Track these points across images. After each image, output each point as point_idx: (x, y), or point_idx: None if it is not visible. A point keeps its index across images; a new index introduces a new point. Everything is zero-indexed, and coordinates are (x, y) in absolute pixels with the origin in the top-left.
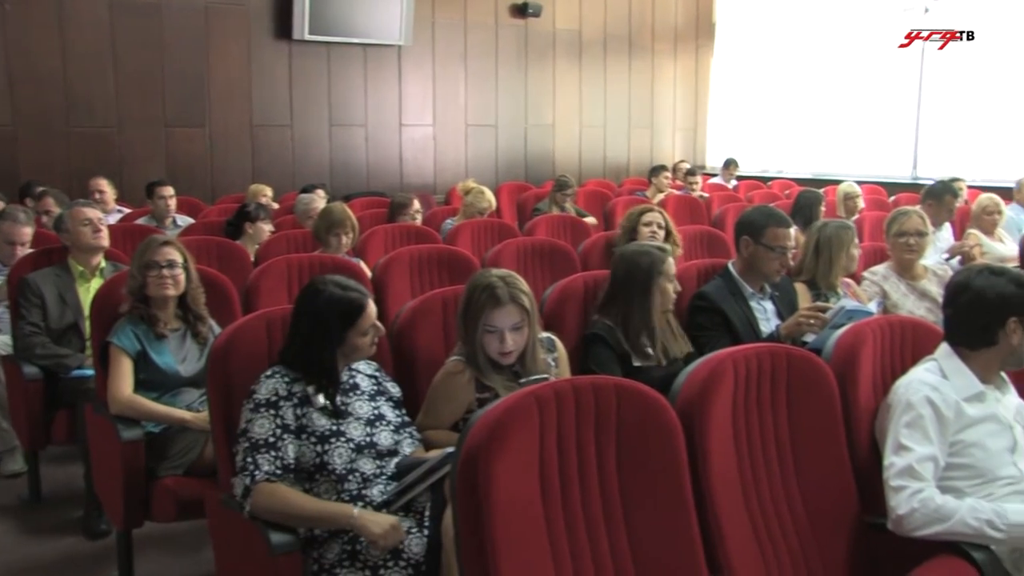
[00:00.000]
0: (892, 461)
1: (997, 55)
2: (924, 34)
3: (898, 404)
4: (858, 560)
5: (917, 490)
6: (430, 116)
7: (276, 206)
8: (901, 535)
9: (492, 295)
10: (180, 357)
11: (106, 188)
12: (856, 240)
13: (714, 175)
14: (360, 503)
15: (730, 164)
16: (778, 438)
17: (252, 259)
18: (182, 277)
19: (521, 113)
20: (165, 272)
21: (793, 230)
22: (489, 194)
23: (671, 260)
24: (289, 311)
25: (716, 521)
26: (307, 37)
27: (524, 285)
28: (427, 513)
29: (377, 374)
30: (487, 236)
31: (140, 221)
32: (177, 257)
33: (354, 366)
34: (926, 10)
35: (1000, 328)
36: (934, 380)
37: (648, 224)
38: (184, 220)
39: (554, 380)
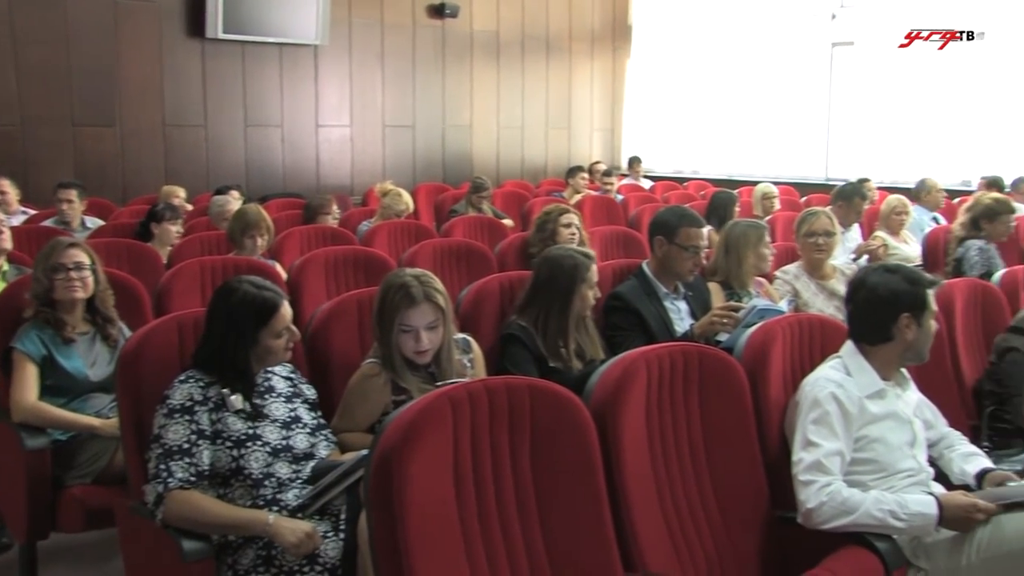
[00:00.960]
0: (801, 457)
1: (902, 60)
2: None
3: (805, 401)
4: (769, 553)
5: (825, 484)
6: (347, 117)
7: (190, 207)
8: (810, 528)
9: (407, 294)
10: (89, 361)
11: (8, 188)
12: (767, 239)
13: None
14: (275, 508)
15: (634, 162)
16: (691, 435)
17: (164, 262)
18: (90, 280)
19: (439, 114)
20: (73, 275)
21: (706, 230)
22: (407, 196)
23: (595, 267)
24: (202, 314)
25: (630, 518)
26: (221, 36)
27: (438, 284)
28: (343, 516)
29: (293, 376)
30: (404, 237)
31: (48, 223)
32: (84, 259)
33: (269, 368)
34: (833, 16)
35: (894, 324)
36: (839, 377)
37: (568, 225)
38: (93, 222)
39: (468, 380)
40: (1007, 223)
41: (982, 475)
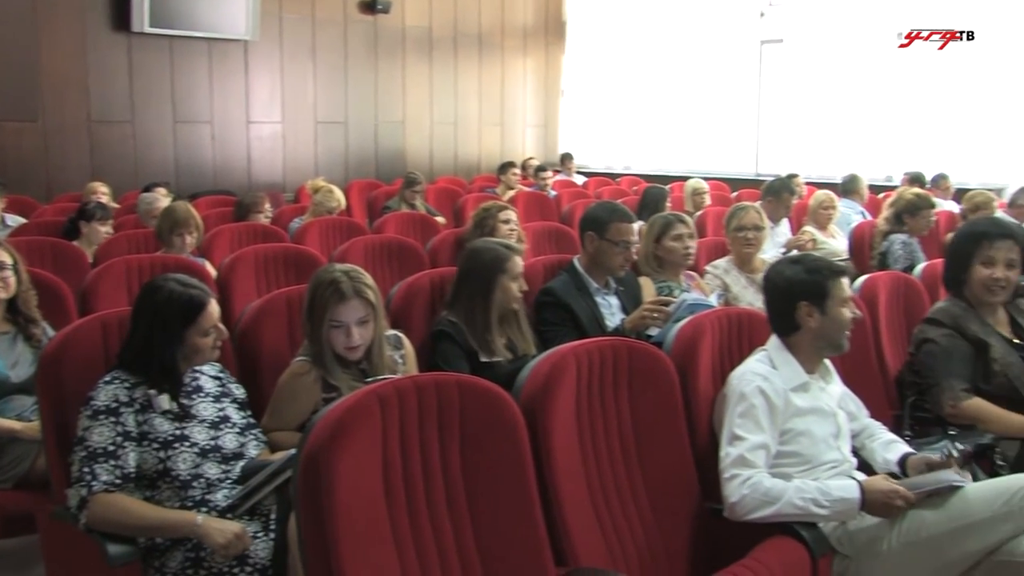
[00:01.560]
0: (727, 451)
1: (829, 57)
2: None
3: (732, 394)
4: (700, 545)
5: (747, 477)
6: (279, 113)
7: (116, 205)
8: (735, 521)
9: (336, 290)
10: (10, 362)
11: None
12: (682, 231)
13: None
14: (204, 509)
15: (566, 158)
16: (621, 429)
17: (90, 260)
18: (12, 279)
19: (371, 110)
20: None
21: (637, 225)
22: (338, 193)
23: (517, 259)
24: (127, 313)
25: (561, 513)
26: (147, 30)
27: (369, 279)
28: (273, 516)
29: (221, 375)
30: (335, 234)
31: None
32: (6, 259)
33: (197, 367)
34: (762, 14)
35: (795, 313)
36: (765, 371)
37: (507, 222)
38: (15, 220)
39: (398, 377)
40: (928, 218)
41: (903, 460)
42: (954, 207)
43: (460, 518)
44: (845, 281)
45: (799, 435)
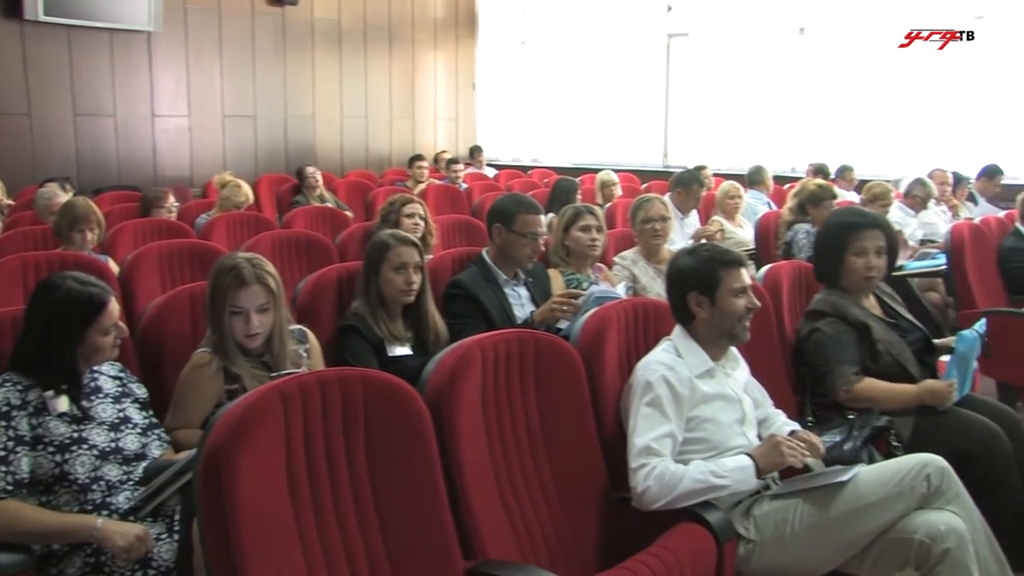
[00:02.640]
0: (634, 441)
1: (734, 51)
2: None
3: (638, 385)
4: (608, 534)
5: (652, 466)
6: (184, 106)
7: (11, 202)
8: (643, 510)
9: (237, 275)
10: None
11: None
12: (590, 223)
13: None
14: (105, 512)
15: (475, 151)
16: (528, 421)
17: None
18: None
19: (280, 104)
20: None
21: (548, 217)
22: (246, 187)
23: (402, 249)
24: (19, 312)
25: (468, 507)
26: (42, 18)
27: (270, 267)
28: (177, 517)
29: (122, 375)
30: (243, 230)
31: None
32: None
33: (96, 367)
34: (669, 8)
35: (685, 302)
36: (670, 360)
37: (411, 216)
38: None
39: (301, 372)
40: (830, 208)
41: (791, 434)
42: (856, 198)
43: (366, 514)
44: (739, 271)
45: (705, 422)
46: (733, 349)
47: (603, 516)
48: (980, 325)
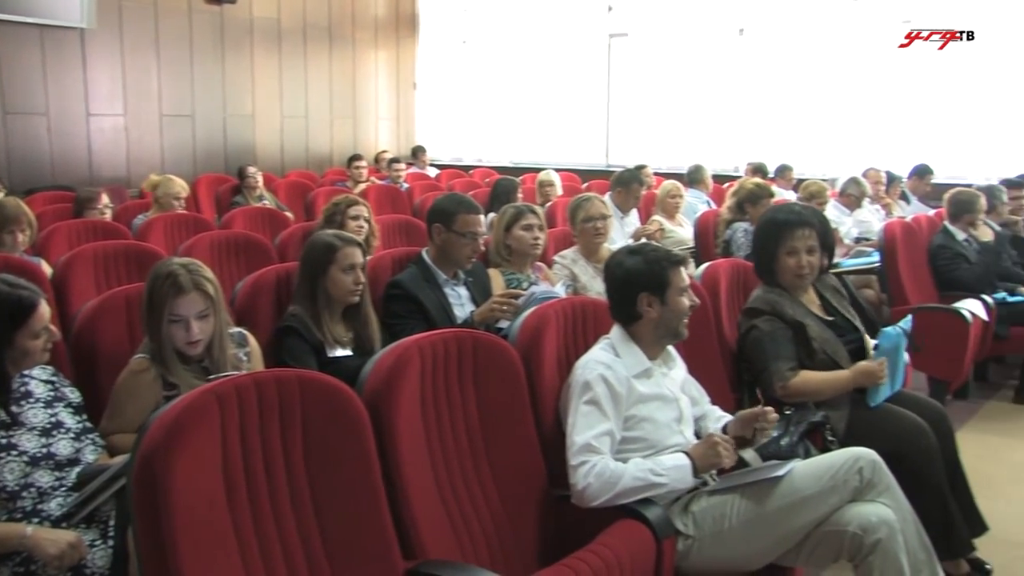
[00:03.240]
0: (573, 440)
1: (675, 51)
2: (613, 30)
3: (577, 384)
4: (548, 532)
5: (592, 464)
6: (120, 105)
7: None
8: (583, 507)
9: (175, 283)
10: None
11: None
12: (531, 222)
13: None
14: (36, 519)
15: (419, 151)
16: (467, 421)
17: None
18: None
19: (219, 103)
20: None
21: (490, 217)
22: (179, 180)
23: (350, 250)
24: None
25: (408, 507)
26: None
27: (208, 272)
28: (112, 523)
29: (54, 379)
30: (181, 230)
31: None
32: None
33: (26, 372)
34: (609, 8)
35: (635, 303)
36: (608, 359)
37: (356, 218)
38: None
39: (238, 374)
40: (767, 206)
41: (725, 427)
42: (794, 196)
43: (305, 515)
44: (683, 270)
45: (642, 421)
46: (670, 348)
47: (543, 514)
48: (905, 322)
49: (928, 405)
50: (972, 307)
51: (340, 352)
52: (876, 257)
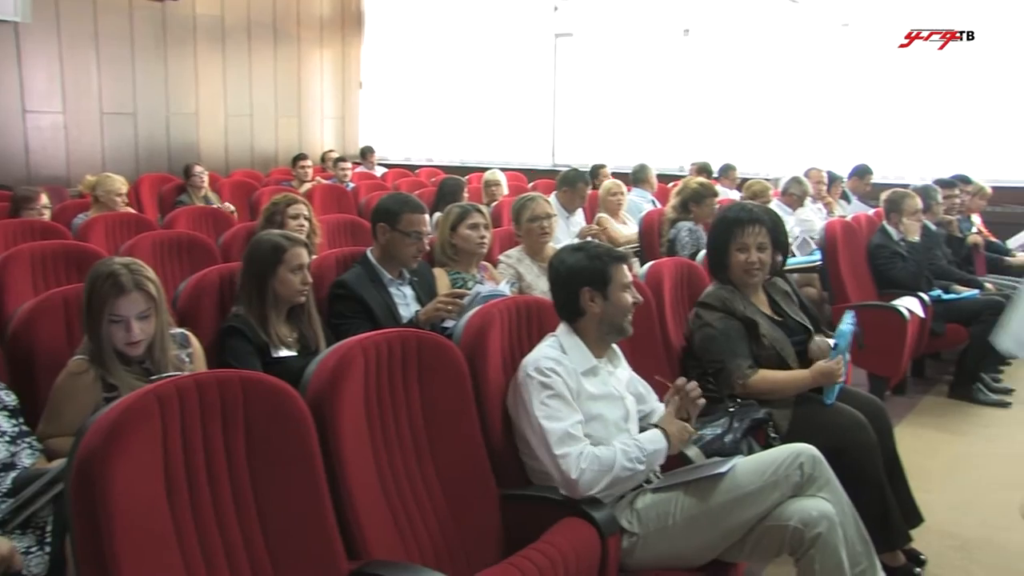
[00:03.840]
0: (549, 430)
1: (620, 51)
2: (559, 30)
3: (532, 381)
4: (493, 531)
5: (579, 451)
6: (59, 103)
7: None
8: (579, 498)
9: (115, 283)
10: None
11: None
12: (478, 221)
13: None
14: None
15: (367, 152)
16: (412, 421)
17: None
18: None
19: (162, 101)
20: None
21: (436, 216)
22: (119, 177)
23: (298, 250)
24: None
25: (352, 507)
26: None
27: (149, 272)
28: (49, 529)
29: None
30: (122, 230)
31: None
32: None
33: None
34: (555, 8)
35: (578, 299)
36: (556, 355)
37: (296, 216)
38: None
39: (179, 375)
40: (711, 205)
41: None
42: (738, 196)
43: (248, 517)
44: (625, 267)
45: (592, 419)
46: (615, 347)
47: (488, 513)
48: (850, 318)
49: (868, 401)
50: (909, 304)
51: (284, 353)
52: (818, 256)
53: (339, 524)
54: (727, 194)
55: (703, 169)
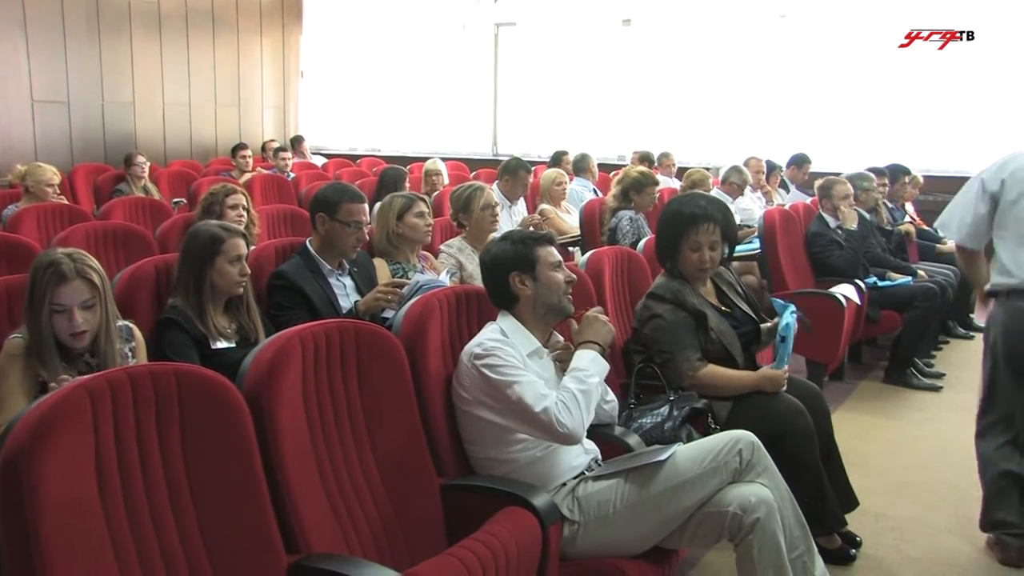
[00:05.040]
0: (522, 393)
1: (561, 40)
2: (500, 19)
3: (479, 362)
4: (434, 522)
5: (554, 401)
6: None
7: None
8: (575, 443)
9: (57, 271)
10: None
11: None
12: (423, 209)
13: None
14: None
15: (296, 141)
16: (351, 412)
17: None
18: None
19: (97, 89)
20: None
21: (377, 206)
22: (50, 167)
23: (236, 240)
24: None
25: (291, 500)
26: None
27: (93, 262)
28: None
29: None
30: (56, 221)
31: None
32: None
33: None
34: None
35: (509, 284)
36: (499, 339)
37: (234, 207)
38: None
39: (112, 370)
40: (652, 194)
41: None
42: (677, 184)
43: (184, 513)
44: (551, 247)
45: None
46: (557, 334)
47: (429, 503)
48: (790, 310)
49: (806, 387)
50: (846, 291)
51: (223, 344)
52: (757, 244)
53: (278, 518)
54: (667, 183)
55: (645, 158)
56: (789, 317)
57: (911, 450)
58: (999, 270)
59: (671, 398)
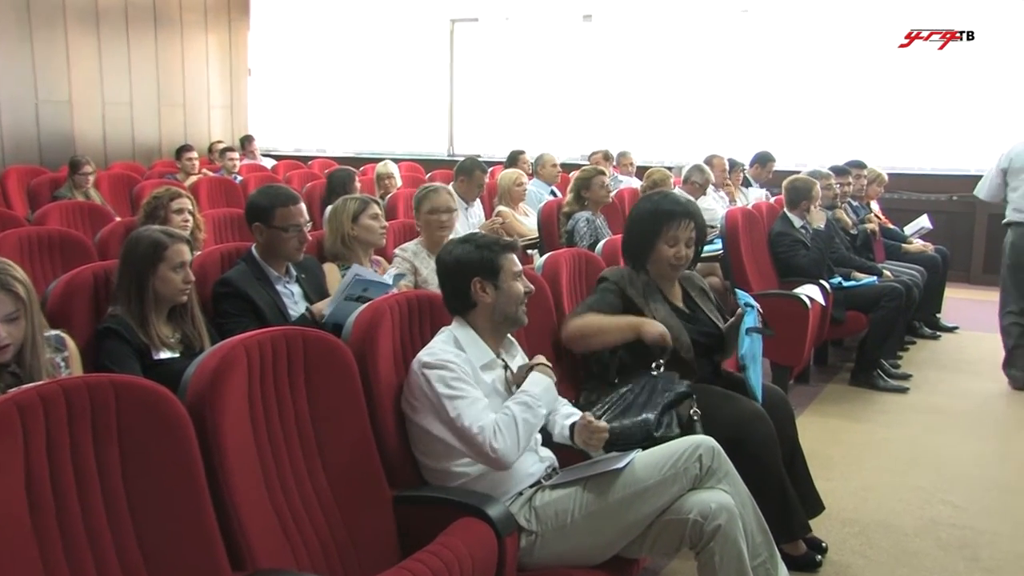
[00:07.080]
0: (461, 410)
1: (522, 38)
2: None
3: (429, 372)
4: (387, 534)
5: (489, 429)
6: None
7: None
8: (506, 468)
9: None
10: None
11: None
12: (377, 211)
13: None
14: None
15: (246, 141)
16: (299, 422)
17: None
18: None
19: (29, 88)
20: None
21: (328, 209)
22: None
23: (180, 247)
24: None
25: (236, 515)
26: None
27: (18, 272)
28: None
29: None
30: None
31: None
32: None
33: None
34: None
35: (469, 290)
36: (452, 350)
37: (180, 211)
38: None
39: (44, 382)
40: (600, 184)
41: (572, 427)
42: (637, 183)
43: (123, 531)
44: (514, 256)
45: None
46: (511, 338)
47: (381, 515)
48: (751, 317)
49: (770, 391)
50: (810, 292)
51: (167, 354)
52: (719, 244)
53: (223, 533)
54: (628, 182)
55: (607, 158)
56: (751, 323)
57: (877, 453)
58: (1013, 208)
59: (653, 374)
